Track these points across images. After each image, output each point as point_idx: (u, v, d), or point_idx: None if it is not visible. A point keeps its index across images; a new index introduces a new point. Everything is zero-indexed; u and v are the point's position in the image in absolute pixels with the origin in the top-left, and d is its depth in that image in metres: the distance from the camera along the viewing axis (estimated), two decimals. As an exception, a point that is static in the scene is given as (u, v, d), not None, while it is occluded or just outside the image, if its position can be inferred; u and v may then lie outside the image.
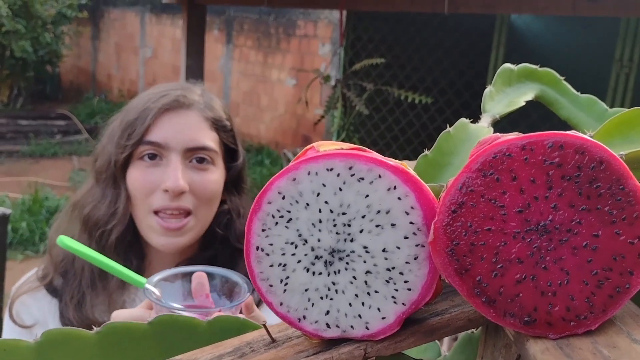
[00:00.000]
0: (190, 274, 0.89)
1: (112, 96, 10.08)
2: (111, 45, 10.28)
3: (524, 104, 0.64)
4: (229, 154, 1.13)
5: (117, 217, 1.04)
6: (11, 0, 8.02)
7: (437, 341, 0.63)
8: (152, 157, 1.04)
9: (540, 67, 0.66)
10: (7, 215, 2.22)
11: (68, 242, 0.88)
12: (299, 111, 6.48)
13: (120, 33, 10.01)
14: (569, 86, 0.67)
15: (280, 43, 6.88)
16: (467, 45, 5.02)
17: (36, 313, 1.05)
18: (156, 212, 1.03)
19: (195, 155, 1.05)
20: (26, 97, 9.72)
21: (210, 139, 1.07)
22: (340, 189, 0.39)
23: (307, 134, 6.42)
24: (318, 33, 6.36)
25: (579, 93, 0.66)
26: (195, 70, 4.13)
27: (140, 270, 1.08)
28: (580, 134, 0.35)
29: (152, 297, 0.81)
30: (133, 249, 1.08)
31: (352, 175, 0.38)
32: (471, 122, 0.59)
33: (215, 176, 1.07)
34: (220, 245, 1.12)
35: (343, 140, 4.76)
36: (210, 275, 0.89)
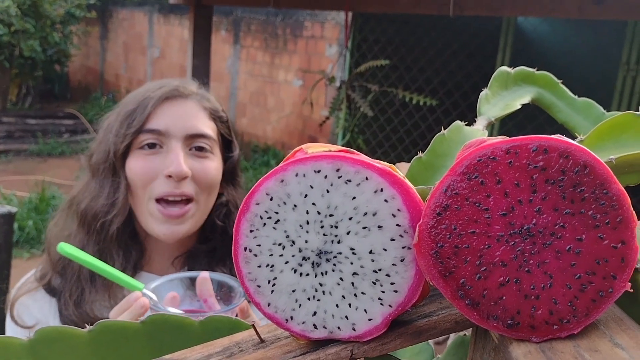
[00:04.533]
0: (187, 279, 0.91)
1: (120, 96, 10.09)
2: (119, 45, 10.32)
3: (519, 107, 0.64)
4: (225, 145, 1.15)
5: (118, 206, 1.05)
6: (20, 0, 8.06)
7: (430, 344, 0.63)
8: (152, 146, 1.05)
9: (537, 69, 0.66)
10: (13, 214, 2.24)
11: (68, 250, 0.90)
12: (305, 112, 6.48)
13: (128, 33, 10.04)
14: (566, 89, 0.66)
15: (287, 44, 6.88)
16: (473, 47, 5.01)
17: (37, 313, 1.06)
18: (157, 201, 1.04)
19: (195, 144, 1.07)
20: (35, 96, 9.78)
21: (209, 128, 1.09)
22: (328, 191, 0.39)
23: (314, 134, 6.42)
24: (325, 34, 6.36)
25: (576, 96, 0.66)
26: (201, 70, 4.13)
27: (140, 264, 1.09)
28: (564, 138, 0.35)
29: (150, 302, 0.83)
30: (133, 241, 1.08)
31: (339, 177, 0.39)
32: (466, 124, 0.59)
33: (214, 164, 1.09)
34: (220, 237, 1.13)
35: (348, 142, 4.77)
36: None
